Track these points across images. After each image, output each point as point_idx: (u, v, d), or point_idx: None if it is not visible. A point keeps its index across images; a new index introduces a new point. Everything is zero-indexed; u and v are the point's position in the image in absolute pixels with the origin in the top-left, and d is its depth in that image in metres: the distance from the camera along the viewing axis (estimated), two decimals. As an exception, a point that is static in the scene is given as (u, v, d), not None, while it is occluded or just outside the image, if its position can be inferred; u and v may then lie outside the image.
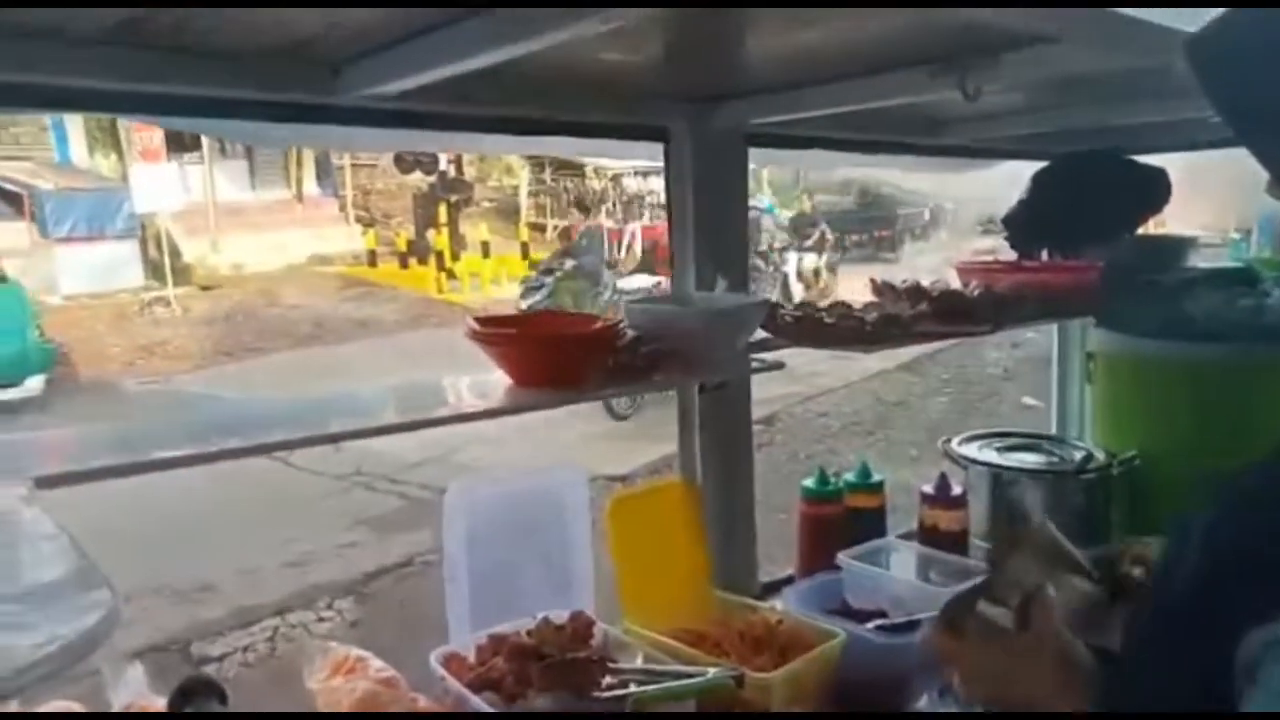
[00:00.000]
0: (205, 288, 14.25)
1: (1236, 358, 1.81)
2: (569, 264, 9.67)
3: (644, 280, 9.47)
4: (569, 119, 1.57)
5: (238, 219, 15.77)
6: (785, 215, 16.12)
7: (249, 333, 12.23)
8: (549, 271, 9.68)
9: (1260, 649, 0.60)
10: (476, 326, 1.38)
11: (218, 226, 15.45)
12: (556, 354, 1.35)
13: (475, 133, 1.56)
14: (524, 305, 8.93)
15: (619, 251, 15.08)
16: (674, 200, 1.74)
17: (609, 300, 8.73)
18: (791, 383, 8.28)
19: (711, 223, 1.72)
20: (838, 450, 6.79)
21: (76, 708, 1.25)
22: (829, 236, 14.40)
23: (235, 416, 1.37)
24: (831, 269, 13.99)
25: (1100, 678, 0.86)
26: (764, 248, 13.78)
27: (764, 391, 7.39)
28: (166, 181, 13.89)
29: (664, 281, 8.68)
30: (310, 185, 17.61)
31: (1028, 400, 7.12)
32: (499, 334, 1.38)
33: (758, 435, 1.90)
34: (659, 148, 1.72)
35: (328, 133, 1.52)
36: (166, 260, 13.78)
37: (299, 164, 17.22)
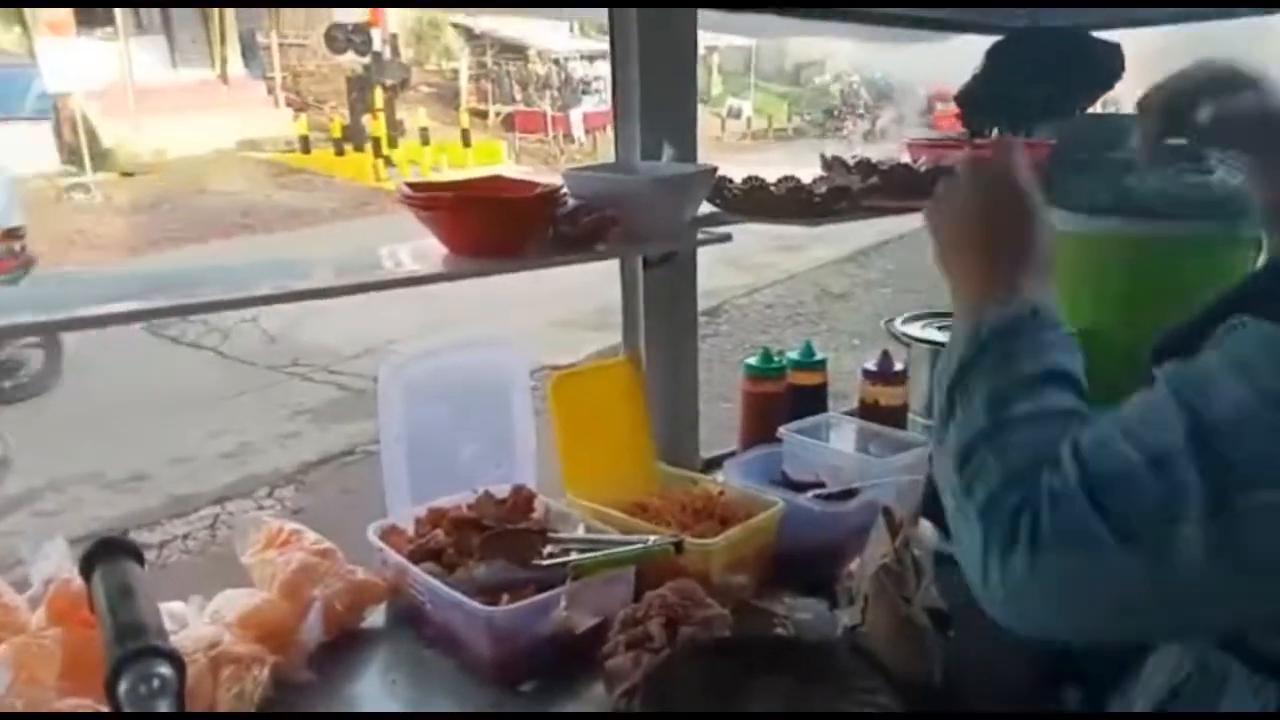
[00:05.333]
0: (127, 174, 13.52)
1: (1176, 234, 1.81)
2: None
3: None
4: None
5: (159, 101, 14.85)
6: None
7: (176, 222, 11.70)
8: None
9: None
10: (409, 191, 1.31)
11: (138, 108, 14.55)
12: (491, 220, 1.28)
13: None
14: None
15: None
16: (618, 65, 1.65)
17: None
18: (737, 274, 8.28)
19: (658, 89, 1.64)
20: (782, 340, 6.85)
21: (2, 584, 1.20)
22: None
23: (162, 278, 1.28)
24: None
25: None
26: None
27: (709, 283, 7.36)
28: (79, 58, 12.93)
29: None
30: (236, 65, 16.62)
31: (968, 292, 7.23)
32: (431, 198, 1.31)
33: (703, 326, 1.88)
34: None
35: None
36: (84, 144, 12.98)
37: (223, 41, 16.21)
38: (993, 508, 0.68)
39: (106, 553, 0.70)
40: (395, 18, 16.52)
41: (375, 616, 1.35)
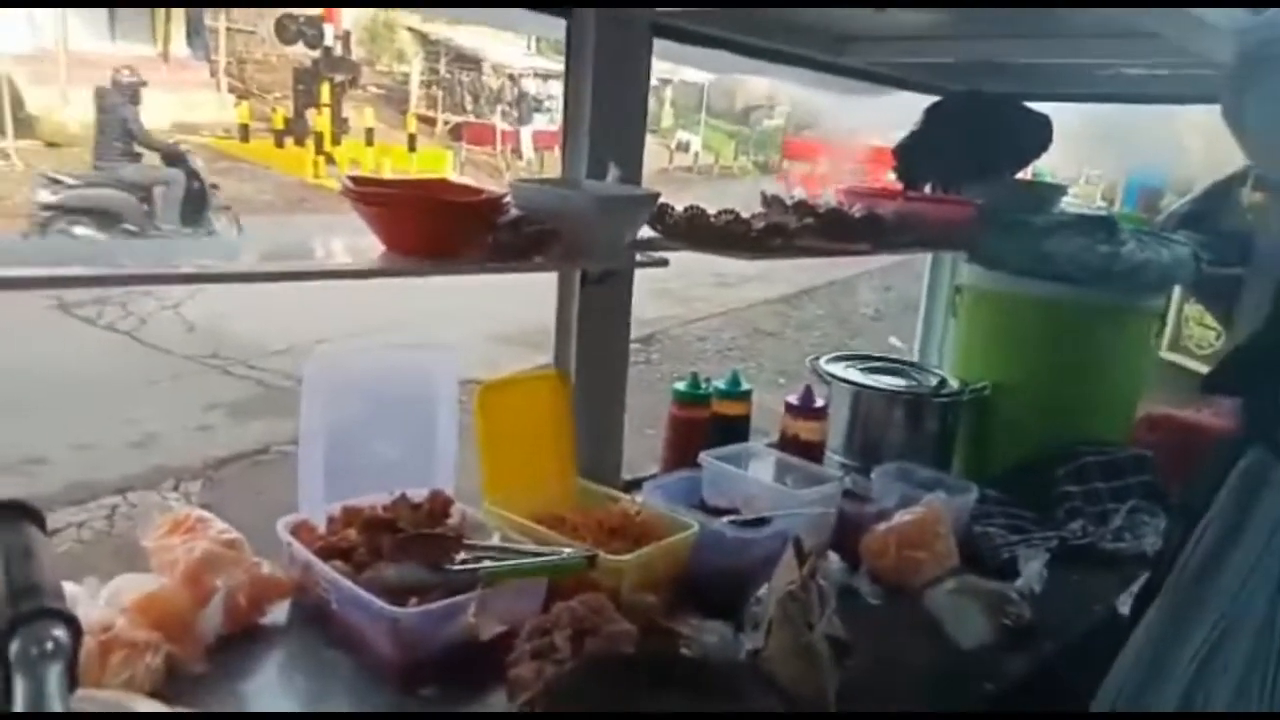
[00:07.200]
0: (52, 144, 12.97)
1: (1088, 300, 1.92)
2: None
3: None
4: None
5: (93, 71, 14.20)
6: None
7: (101, 198, 11.25)
8: None
9: None
10: (352, 184, 1.30)
11: (70, 78, 13.99)
12: (432, 220, 1.28)
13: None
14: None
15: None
16: (571, 82, 1.68)
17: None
18: (673, 305, 8.36)
19: (609, 110, 1.67)
20: (711, 374, 6.89)
21: None
22: None
23: (78, 249, 1.25)
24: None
25: None
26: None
27: (645, 312, 7.41)
28: (5, 14, 12.38)
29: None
30: (179, 45, 16.15)
31: (894, 341, 7.43)
32: (373, 193, 1.30)
33: (635, 354, 1.90)
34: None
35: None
36: (7, 109, 12.43)
37: (168, 19, 15.74)
38: None
39: (6, 515, 0.68)
40: (350, 17, 16.29)
41: (278, 613, 1.33)
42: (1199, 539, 1.17)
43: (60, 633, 0.53)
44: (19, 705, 0.53)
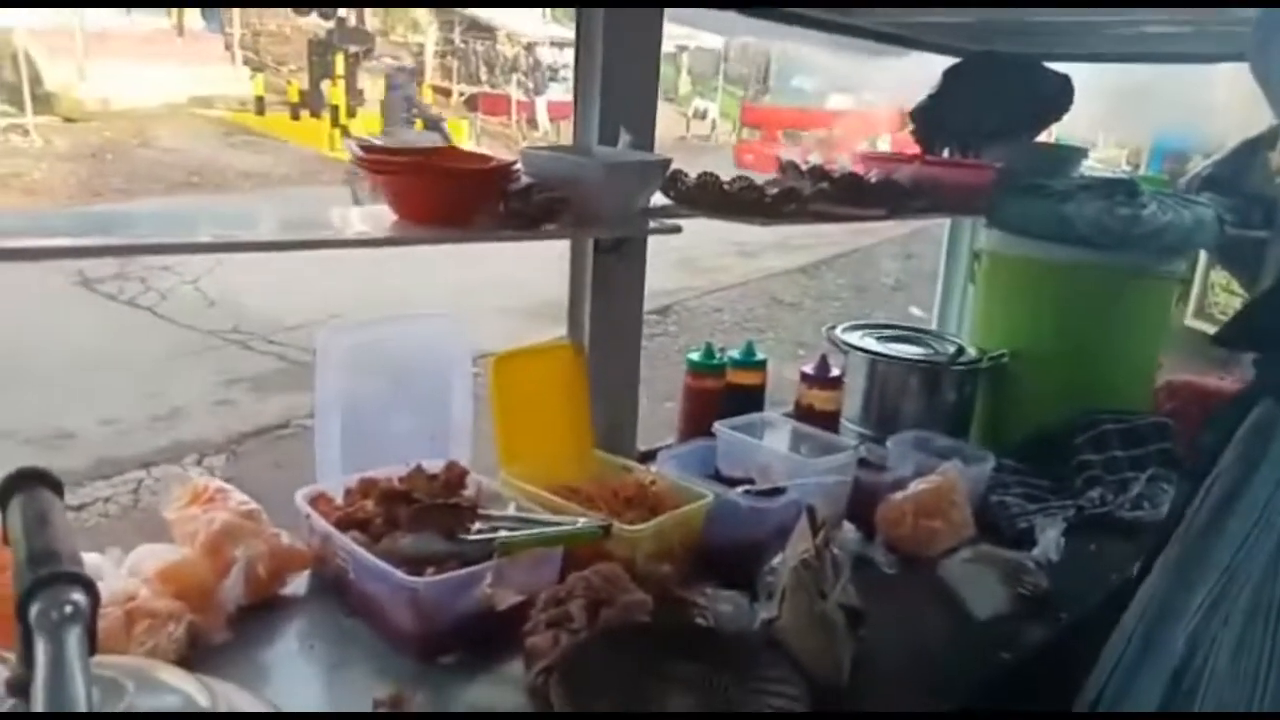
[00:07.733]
0: (70, 119, 13.05)
1: (1108, 264, 1.89)
2: None
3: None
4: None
5: (109, 46, 14.34)
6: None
7: (119, 174, 11.34)
8: None
9: None
10: (361, 152, 1.30)
11: (86, 52, 14.04)
12: (442, 188, 1.28)
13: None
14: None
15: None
16: (583, 46, 1.66)
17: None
18: (691, 276, 8.33)
19: (621, 74, 1.65)
20: (729, 345, 6.86)
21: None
22: None
23: (99, 220, 1.26)
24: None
25: None
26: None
27: (662, 283, 7.37)
28: (23, -7, 12.40)
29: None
30: (194, 17, 16.15)
31: (915, 310, 7.37)
32: (383, 161, 1.30)
33: (652, 325, 1.90)
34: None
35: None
36: (25, 84, 12.50)
37: (182, -7, 15.75)
38: None
39: (25, 482, 0.69)
40: (364, -13, 16.21)
41: (298, 584, 1.34)
42: (1206, 493, 1.15)
43: (79, 596, 0.54)
44: (41, 666, 0.55)
